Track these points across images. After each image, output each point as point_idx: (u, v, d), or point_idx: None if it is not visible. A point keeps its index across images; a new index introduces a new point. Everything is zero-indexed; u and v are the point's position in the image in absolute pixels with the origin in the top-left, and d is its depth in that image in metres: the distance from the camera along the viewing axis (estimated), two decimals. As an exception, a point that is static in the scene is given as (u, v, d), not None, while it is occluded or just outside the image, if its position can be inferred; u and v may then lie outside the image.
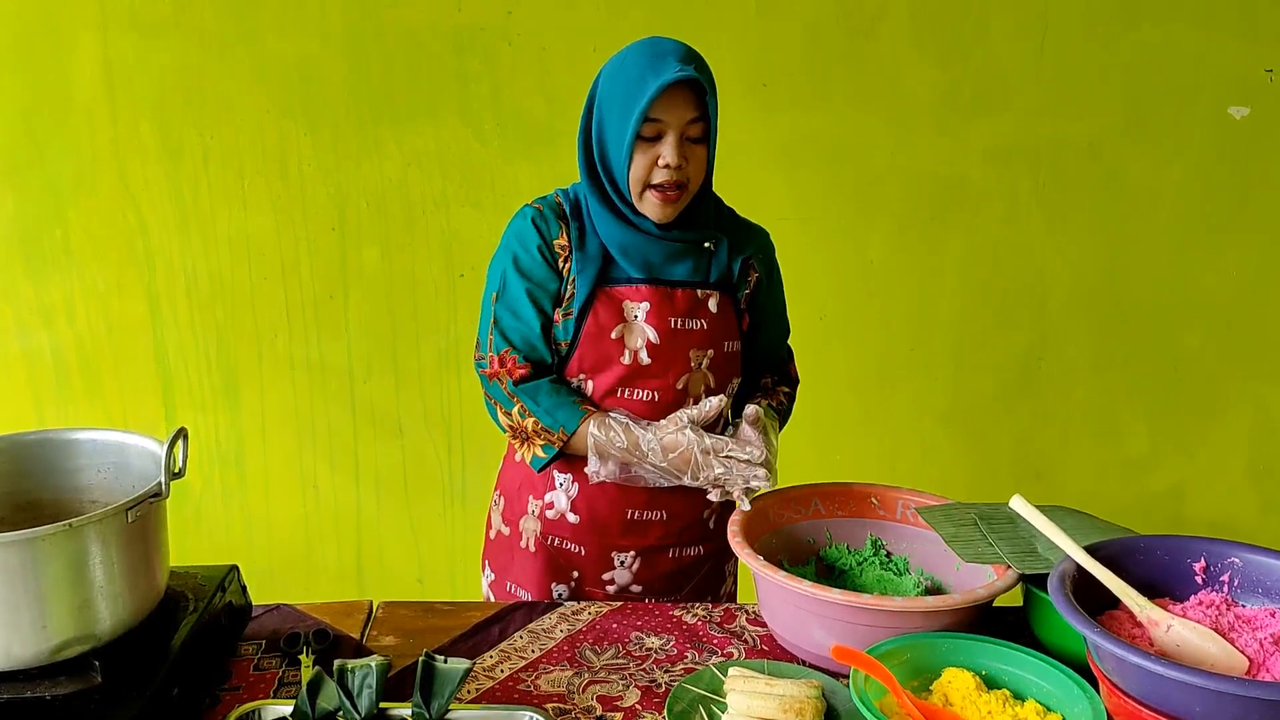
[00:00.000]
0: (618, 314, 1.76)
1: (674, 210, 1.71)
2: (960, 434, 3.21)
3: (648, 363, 1.76)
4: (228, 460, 3.14)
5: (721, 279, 1.81)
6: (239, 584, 1.55)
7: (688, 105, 1.64)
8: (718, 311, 1.80)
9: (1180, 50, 2.90)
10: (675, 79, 1.59)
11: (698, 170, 1.70)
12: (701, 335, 1.79)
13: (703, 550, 1.93)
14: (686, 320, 1.77)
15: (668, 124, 1.64)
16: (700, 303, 1.78)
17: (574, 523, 1.86)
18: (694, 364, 1.79)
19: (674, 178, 1.66)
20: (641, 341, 1.76)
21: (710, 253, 1.80)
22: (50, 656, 1.23)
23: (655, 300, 1.76)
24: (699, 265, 1.79)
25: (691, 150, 1.68)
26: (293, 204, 2.94)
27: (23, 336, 2.98)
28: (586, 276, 1.75)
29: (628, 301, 1.76)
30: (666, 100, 1.62)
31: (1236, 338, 3.16)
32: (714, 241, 1.80)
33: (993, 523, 1.66)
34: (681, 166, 1.66)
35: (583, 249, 1.76)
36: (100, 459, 1.44)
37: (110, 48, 2.80)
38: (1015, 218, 3.03)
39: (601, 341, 1.76)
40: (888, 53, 2.88)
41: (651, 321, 1.76)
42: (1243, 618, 1.35)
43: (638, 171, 1.68)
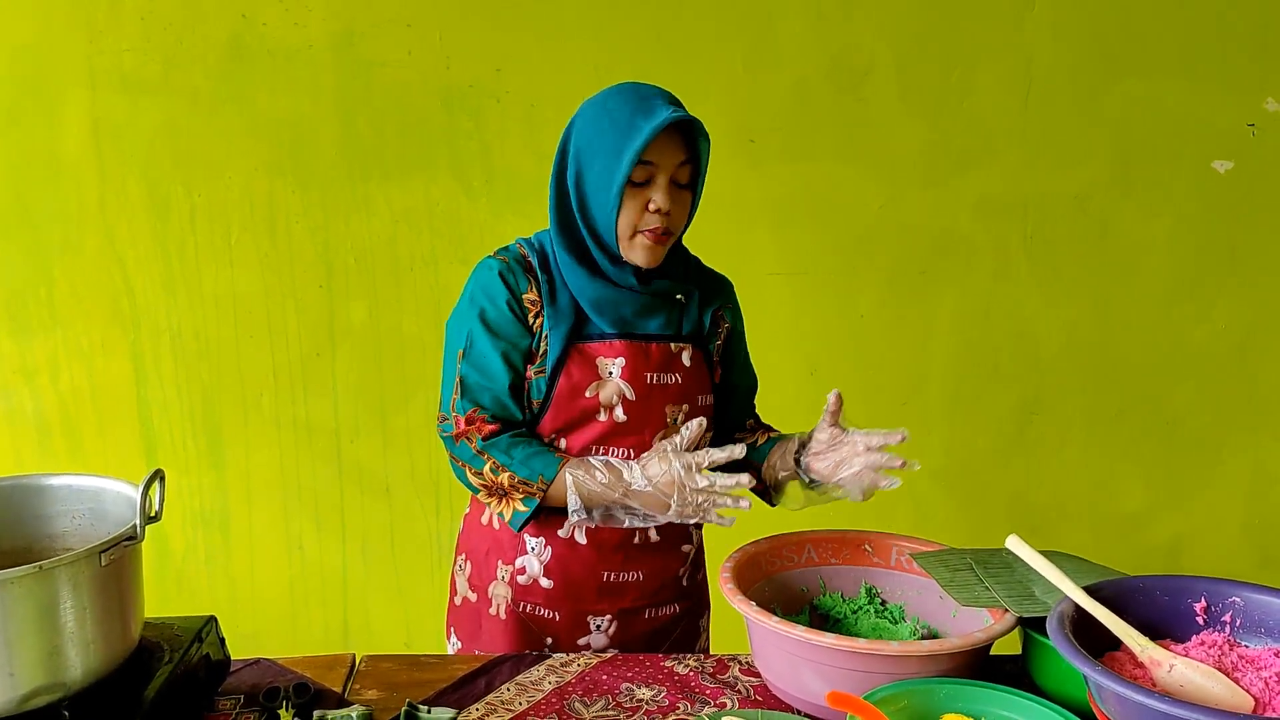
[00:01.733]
0: (592, 371, 1.71)
1: (662, 253, 1.68)
2: (955, 490, 3.18)
3: (624, 420, 1.72)
4: (211, 522, 3.09)
5: (693, 331, 1.79)
6: (217, 635, 1.51)
7: (678, 148, 1.62)
8: (691, 365, 1.77)
9: (1164, 104, 2.93)
10: (671, 120, 1.57)
11: (681, 215, 1.68)
12: (677, 390, 1.75)
13: (678, 609, 1.88)
14: (661, 375, 1.73)
15: (659, 167, 1.62)
16: (674, 356, 1.75)
17: (547, 588, 1.78)
18: (669, 419, 1.75)
19: (663, 223, 1.63)
20: (617, 398, 1.71)
21: (681, 305, 1.77)
22: (18, 706, 1.18)
23: (629, 355, 1.71)
24: (671, 318, 1.76)
25: (678, 195, 1.65)
26: (280, 261, 2.93)
27: (5, 396, 2.95)
28: (559, 333, 1.70)
29: (601, 358, 1.71)
30: (658, 143, 1.60)
31: (1230, 391, 3.15)
32: (685, 294, 1.77)
33: (989, 567, 1.63)
34: (671, 212, 1.64)
35: (554, 303, 1.71)
36: (75, 505, 1.40)
37: (99, 106, 2.81)
38: (1005, 271, 3.04)
39: (576, 399, 1.71)
40: (875, 108, 2.91)
41: (626, 377, 1.71)
42: (1246, 658, 1.31)
43: (628, 216, 1.64)
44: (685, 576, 1.89)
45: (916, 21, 2.87)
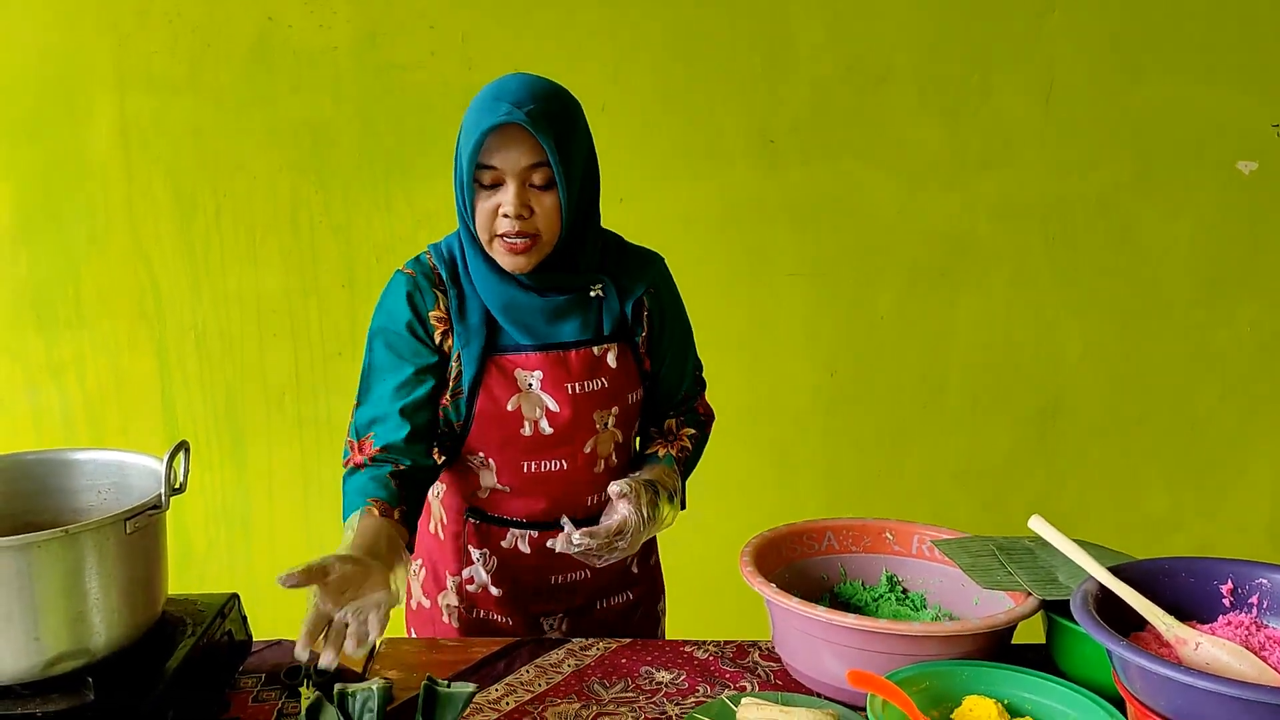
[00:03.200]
0: (511, 384, 1.64)
1: (526, 261, 1.56)
2: (974, 492, 3.16)
3: (550, 432, 1.66)
4: (233, 518, 3.11)
5: (616, 328, 1.70)
6: (239, 613, 1.52)
7: (525, 151, 1.50)
8: (617, 365, 1.69)
9: (1187, 105, 2.92)
10: (498, 124, 1.48)
11: (548, 219, 1.55)
12: (603, 394, 1.68)
13: (631, 596, 1.86)
14: (585, 383, 1.67)
15: (504, 171, 1.52)
16: (598, 360, 1.68)
17: (497, 595, 1.77)
18: (599, 425, 1.70)
19: (517, 228, 1.53)
20: (540, 411, 1.65)
21: (600, 300, 1.68)
22: (43, 671, 1.19)
23: (547, 367, 1.64)
24: (588, 319, 1.67)
25: (538, 198, 1.53)
26: (304, 261, 2.95)
27: (32, 392, 2.98)
28: (472, 350, 1.63)
29: (519, 370, 1.64)
30: (500, 146, 1.50)
31: (1254, 394, 3.13)
32: (601, 287, 1.68)
33: (1011, 553, 1.62)
34: (524, 216, 1.52)
35: (464, 319, 1.63)
36: (100, 479, 1.42)
37: (126, 108, 2.84)
38: (1025, 273, 3.03)
39: (499, 416, 1.65)
40: (894, 109, 2.91)
41: (547, 389, 1.65)
42: (1274, 637, 1.30)
43: (483, 221, 1.56)
44: (634, 564, 1.87)
45: (936, 23, 2.87)
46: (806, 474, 3.14)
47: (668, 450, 1.77)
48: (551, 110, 1.52)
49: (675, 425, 1.83)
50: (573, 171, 1.54)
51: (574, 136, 1.55)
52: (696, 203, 2.94)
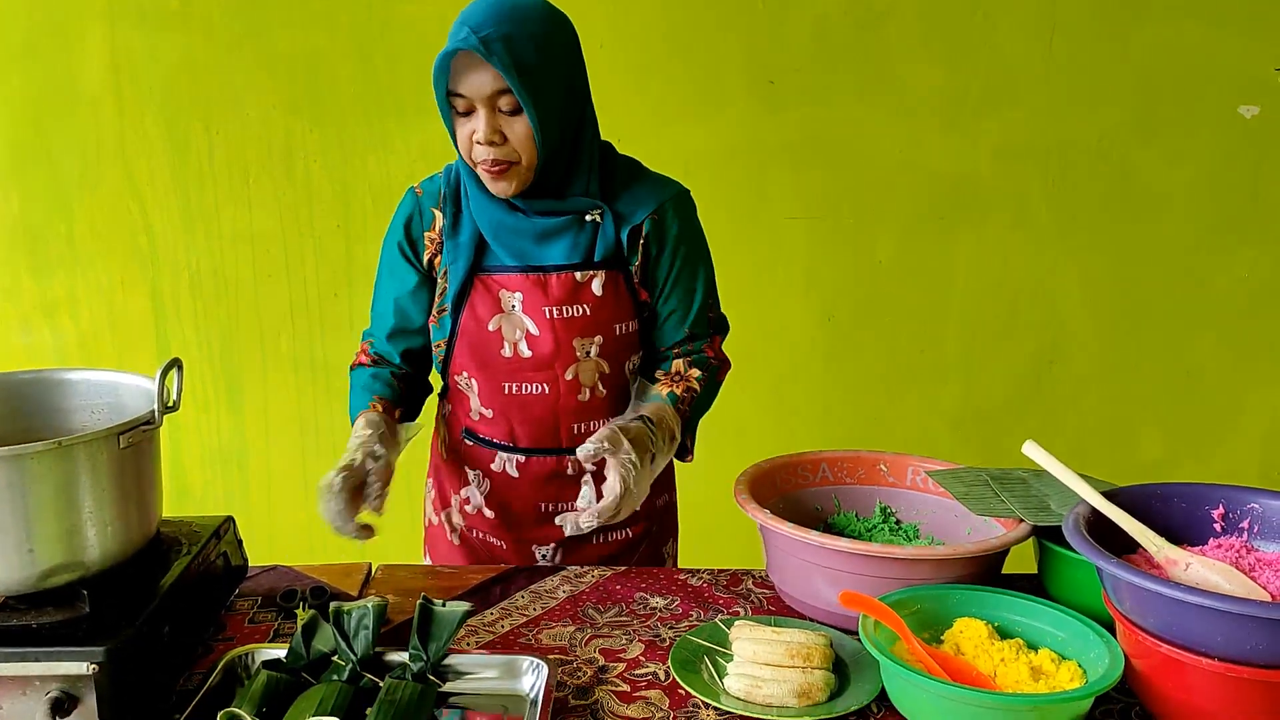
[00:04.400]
0: (495, 304, 1.64)
1: (509, 185, 1.55)
2: (971, 439, 3.17)
3: (528, 355, 1.65)
4: (229, 460, 3.11)
5: (609, 256, 1.65)
6: (235, 536, 1.52)
7: (488, 77, 1.46)
8: (603, 294, 1.65)
9: (1190, 48, 2.89)
10: (453, 51, 1.46)
11: (524, 144, 1.51)
12: (585, 322, 1.65)
13: (631, 533, 1.83)
14: (565, 308, 1.63)
15: (471, 98, 1.49)
16: (581, 286, 1.64)
17: (490, 518, 1.79)
18: (580, 353, 1.67)
19: (492, 155, 1.51)
20: (520, 333, 1.64)
21: (596, 225, 1.64)
22: (37, 583, 1.20)
23: (527, 289, 1.63)
24: (578, 243, 1.63)
25: (508, 123, 1.50)
26: (298, 200, 2.93)
27: (26, 332, 2.97)
28: (459, 267, 1.64)
29: (504, 291, 1.64)
30: (464, 72, 1.47)
31: (1250, 342, 3.13)
32: (597, 213, 1.63)
33: (1005, 483, 1.63)
34: (496, 143, 1.50)
35: (455, 236, 1.65)
36: (94, 399, 1.41)
37: (117, 42, 2.81)
38: (1025, 217, 3.01)
39: (481, 335, 1.66)
40: (895, 49, 2.88)
41: (528, 312, 1.64)
42: (1264, 560, 1.31)
43: (462, 146, 1.55)
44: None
45: (939, -39, 2.84)
46: (803, 418, 3.14)
47: (671, 389, 1.69)
48: (513, 33, 1.46)
49: (684, 366, 1.74)
50: (543, 95, 1.49)
51: (545, 57, 1.49)
52: (695, 144, 2.92)
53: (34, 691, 1.16)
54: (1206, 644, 1.14)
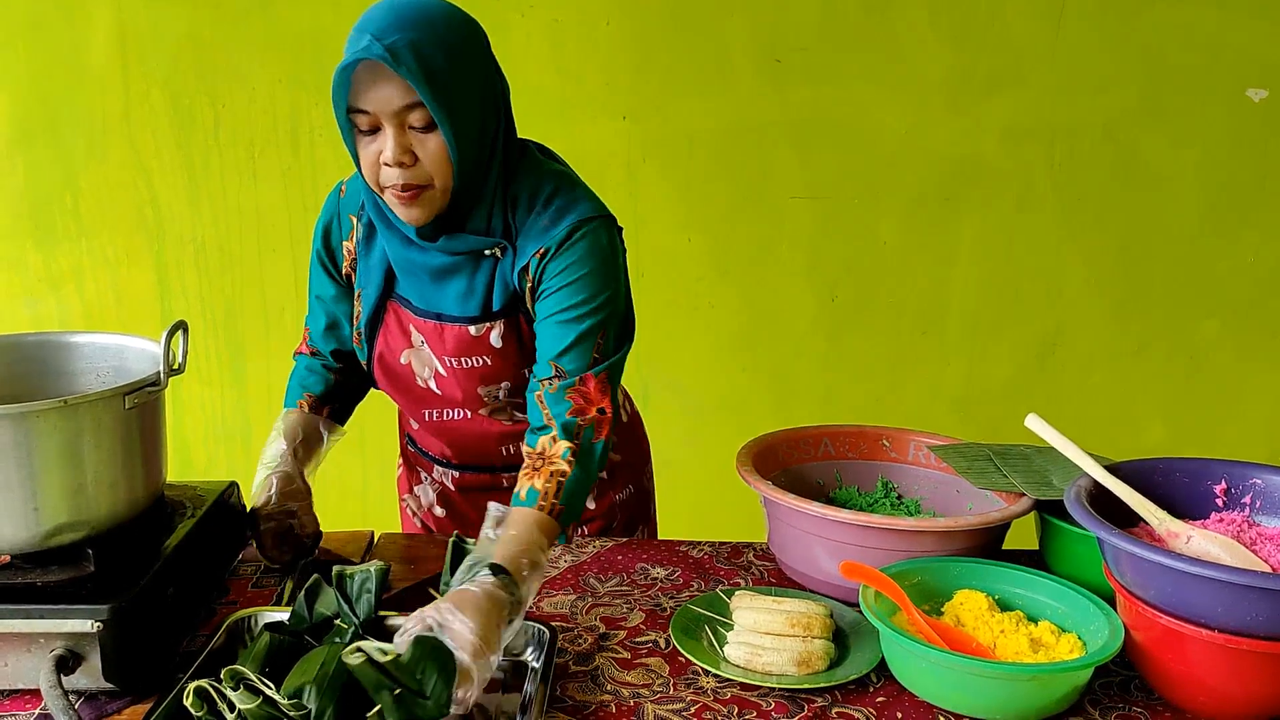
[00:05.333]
0: (405, 337, 1.54)
1: (421, 212, 1.38)
2: (973, 420, 3.16)
3: (440, 394, 1.57)
4: (233, 435, 3.12)
5: (508, 300, 1.48)
6: (239, 502, 1.53)
7: (396, 90, 1.30)
8: (503, 345, 1.50)
9: (1198, 30, 2.88)
10: (354, 61, 1.30)
11: (437, 165, 1.35)
12: (485, 371, 1.52)
13: (586, 531, 1.77)
14: (463, 359, 1.51)
15: (377, 114, 1.32)
16: (478, 340, 1.50)
17: (441, 516, 1.79)
18: (487, 398, 1.55)
19: (403, 178, 1.34)
20: (429, 371, 1.55)
21: (495, 261, 1.47)
22: (43, 541, 1.20)
23: (428, 333, 1.52)
24: (474, 288, 1.47)
25: (420, 141, 1.33)
26: (303, 175, 2.93)
27: (32, 304, 2.98)
28: (370, 291, 1.53)
29: (412, 326, 1.53)
30: (368, 85, 1.31)
31: (1254, 326, 3.12)
32: (499, 249, 1.46)
33: (1007, 458, 1.64)
34: (406, 164, 1.33)
35: (368, 255, 1.52)
36: (100, 361, 1.42)
37: (124, 15, 2.80)
38: (1030, 199, 3.00)
39: (394, 366, 1.57)
40: (902, 29, 2.87)
41: (434, 352, 1.54)
42: (1265, 534, 1.31)
43: (367, 169, 1.37)
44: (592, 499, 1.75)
45: (947, -60, 2.83)
46: (805, 399, 3.14)
47: (531, 483, 1.38)
48: (422, 39, 1.29)
49: (548, 443, 1.41)
50: (458, 107, 1.33)
51: (458, 65, 1.33)
52: (700, 121, 2.91)
53: (39, 649, 1.16)
54: (1207, 615, 1.14)
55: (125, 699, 1.21)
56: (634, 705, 1.23)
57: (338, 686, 1.15)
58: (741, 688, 1.27)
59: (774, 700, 1.25)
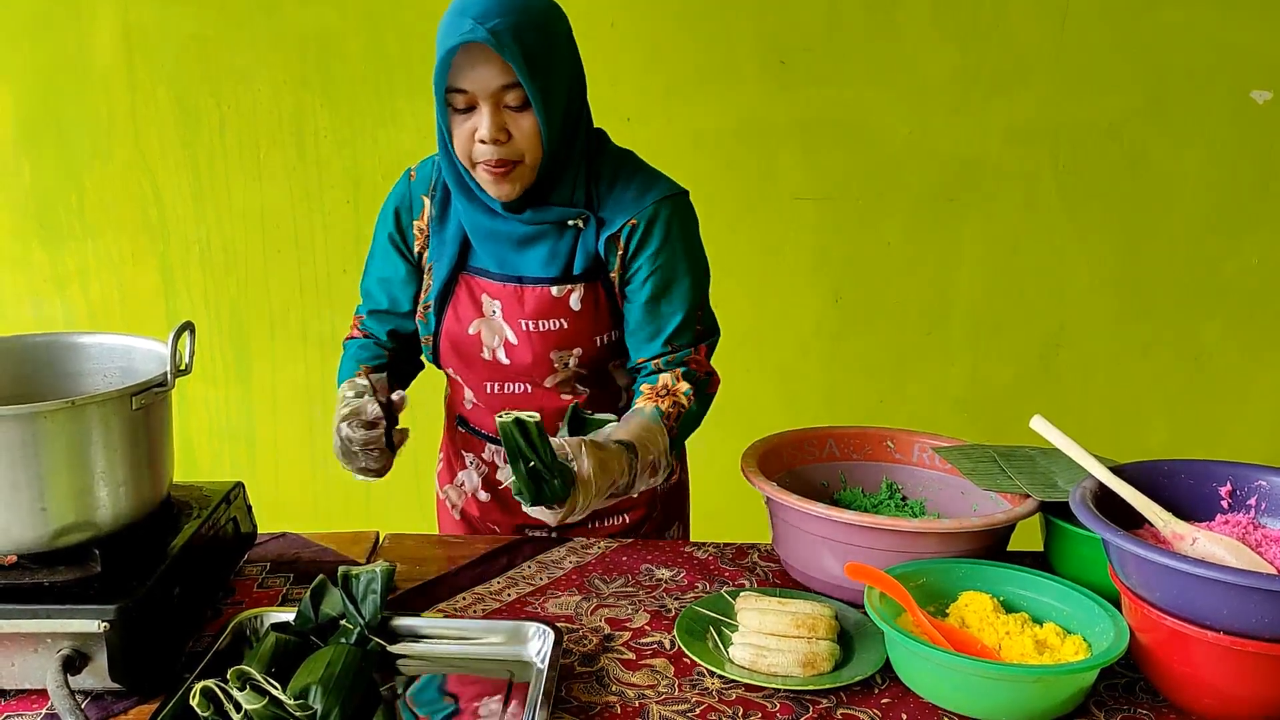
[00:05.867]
0: (476, 307, 1.59)
1: (511, 188, 1.48)
2: (977, 420, 3.16)
3: (507, 363, 1.61)
4: (237, 436, 3.13)
5: (589, 266, 1.56)
6: (244, 502, 1.53)
7: (495, 71, 1.39)
8: (581, 308, 1.57)
9: (1202, 32, 2.88)
10: (458, 44, 1.38)
11: (529, 142, 1.44)
12: (561, 335, 1.58)
13: (628, 520, 1.80)
14: (542, 322, 1.57)
15: (475, 93, 1.41)
16: (559, 301, 1.56)
17: (485, 501, 1.80)
18: (558, 364, 1.61)
19: (496, 154, 1.43)
20: (499, 340, 1.59)
21: (577, 232, 1.56)
22: (50, 542, 1.21)
23: (505, 298, 1.57)
24: (557, 252, 1.55)
25: (515, 120, 1.43)
26: (308, 176, 2.94)
27: (37, 304, 2.98)
28: (443, 265, 1.59)
29: (485, 295, 1.58)
30: (468, 66, 1.39)
31: (1258, 328, 3.12)
32: (580, 220, 1.55)
33: (1012, 459, 1.63)
34: (501, 141, 1.43)
35: (442, 231, 1.59)
36: (107, 362, 1.42)
37: (129, 15, 2.81)
38: (1034, 200, 3.00)
39: (462, 336, 1.61)
40: (907, 30, 2.87)
41: (507, 319, 1.58)
42: (1270, 536, 1.31)
43: (461, 146, 1.46)
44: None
45: (952, -58, 2.83)
46: (809, 399, 3.14)
47: (657, 404, 1.55)
48: (521, 22, 1.38)
49: (671, 380, 1.59)
50: (552, 89, 1.43)
51: (552, 49, 1.43)
52: (705, 123, 2.91)
53: (45, 649, 1.17)
54: (1212, 617, 1.14)
55: (132, 699, 1.22)
56: (639, 706, 1.23)
57: (344, 687, 1.15)
58: (746, 689, 1.27)
59: (779, 701, 1.25)
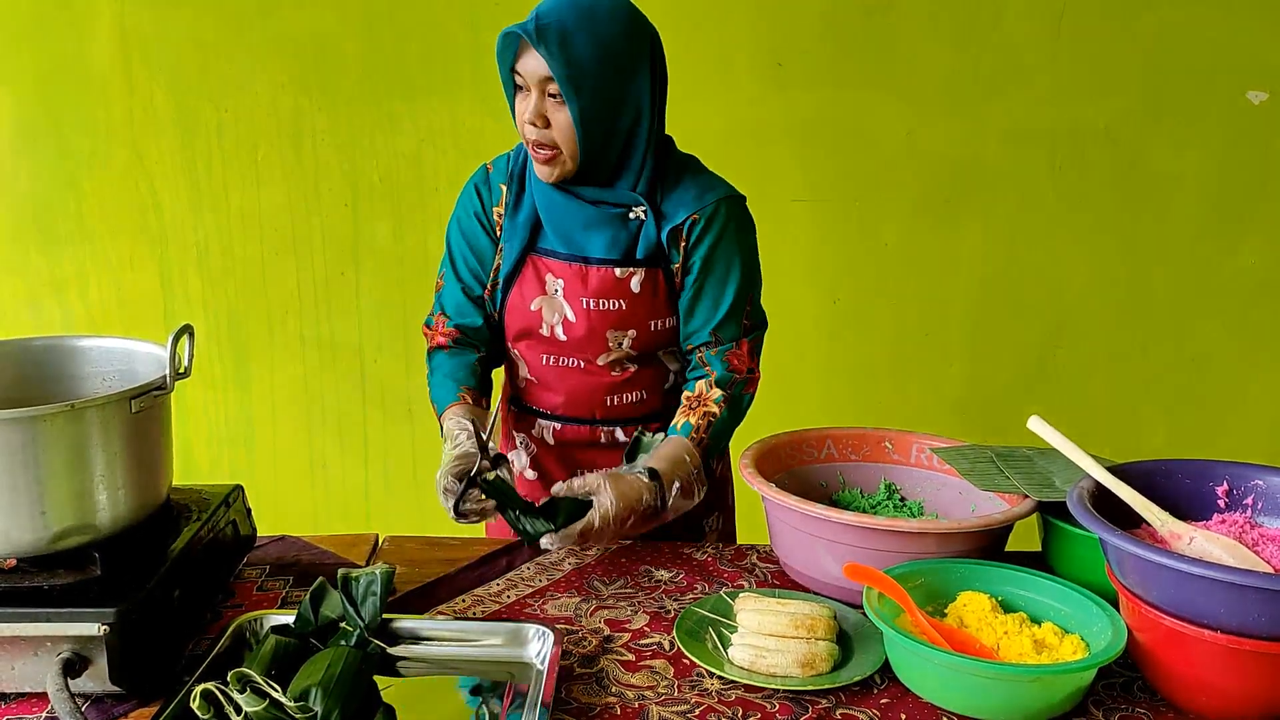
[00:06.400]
0: (539, 286, 1.69)
1: (550, 171, 1.60)
2: (975, 421, 3.16)
3: (564, 339, 1.70)
4: (236, 439, 3.13)
5: (650, 254, 1.66)
6: (244, 505, 1.53)
7: (539, 63, 1.51)
8: (640, 291, 1.66)
9: (1198, 33, 2.88)
10: (509, 33, 1.52)
11: (564, 134, 1.55)
12: (619, 316, 1.67)
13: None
14: (601, 301, 1.66)
15: (526, 79, 1.54)
16: (620, 282, 1.65)
17: (531, 479, 1.84)
18: (613, 344, 1.69)
19: (536, 137, 1.56)
20: (558, 317, 1.69)
21: (639, 223, 1.65)
22: (49, 545, 1.21)
23: (569, 277, 1.66)
24: (618, 238, 1.65)
25: (554, 110, 1.54)
26: (305, 179, 2.94)
27: (35, 309, 2.98)
28: (514, 245, 1.69)
29: (549, 274, 1.68)
30: (524, 52, 1.53)
31: (1255, 329, 3.12)
32: (641, 210, 1.65)
33: (1010, 460, 1.64)
34: (537, 125, 1.55)
35: (515, 215, 1.69)
36: (106, 366, 1.43)
37: (127, 19, 2.81)
38: (1032, 202, 3.01)
39: (524, 311, 1.71)
40: (904, 32, 2.88)
41: (568, 298, 1.68)
42: (1267, 535, 1.31)
43: (519, 123, 1.59)
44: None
45: (948, -56, 2.84)
46: (808, 401, 3.14)
47: (688, 418, 1.68)
48: (573, 27, 1.50)
49: (705, 387, 1.71)
50: (589, 92, 1.52)
51: (602, 56, 1.52)
52: (702, 125, 2.88)
53: (45, 652, 1.17)
54: (1210, 616, 1.14)
55: (132, 702, 1.22)
56: (639, 707, 1.23)
57: (344, 689, 1.16)
58: (746, 689, 1.27)
59: (778, 702, 1.25)
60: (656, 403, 1.78)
